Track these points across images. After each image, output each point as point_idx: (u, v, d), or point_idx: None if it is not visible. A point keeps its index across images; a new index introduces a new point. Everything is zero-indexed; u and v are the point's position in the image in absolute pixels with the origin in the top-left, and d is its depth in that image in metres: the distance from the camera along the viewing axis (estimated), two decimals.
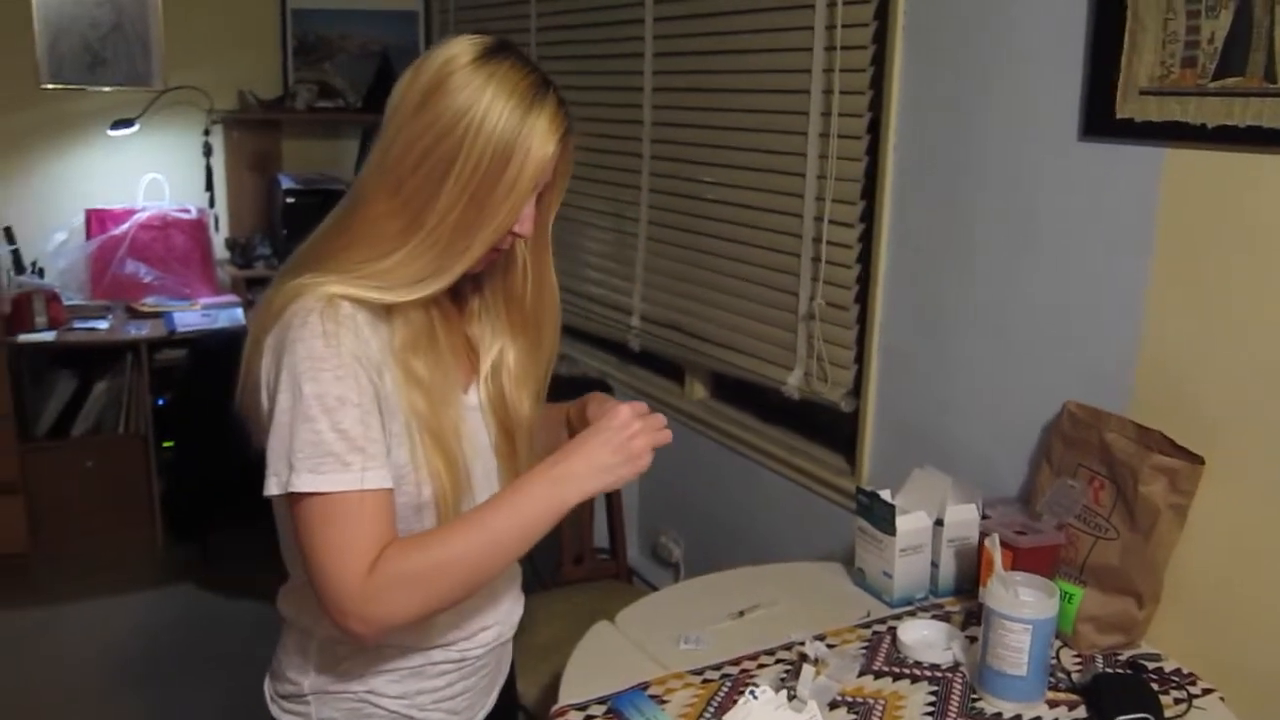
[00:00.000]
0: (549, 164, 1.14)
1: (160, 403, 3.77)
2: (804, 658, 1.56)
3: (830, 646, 1.62)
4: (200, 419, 3.65)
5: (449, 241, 1.12)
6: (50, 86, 3.86)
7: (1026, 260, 1.86)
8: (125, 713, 2.90)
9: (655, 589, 2.80)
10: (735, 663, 1.58)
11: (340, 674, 1.24)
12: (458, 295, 1.28)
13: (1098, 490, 1.67)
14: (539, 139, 1.11)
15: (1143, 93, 1.61)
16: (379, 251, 1.12)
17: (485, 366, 1.28)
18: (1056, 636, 1.59)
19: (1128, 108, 1.64)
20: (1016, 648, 1.44)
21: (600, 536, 2.68)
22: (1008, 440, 1.92)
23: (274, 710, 1.30)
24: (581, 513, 2.53)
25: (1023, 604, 1.45)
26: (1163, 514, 1.58)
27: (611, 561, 2.61)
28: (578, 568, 2.54)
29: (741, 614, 1.73)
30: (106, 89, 3.93)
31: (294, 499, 1.08)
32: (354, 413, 1.08)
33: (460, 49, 1.12)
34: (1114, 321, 1.71)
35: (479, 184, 1.10)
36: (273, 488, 1.08)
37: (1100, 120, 1.69)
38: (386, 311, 1.14)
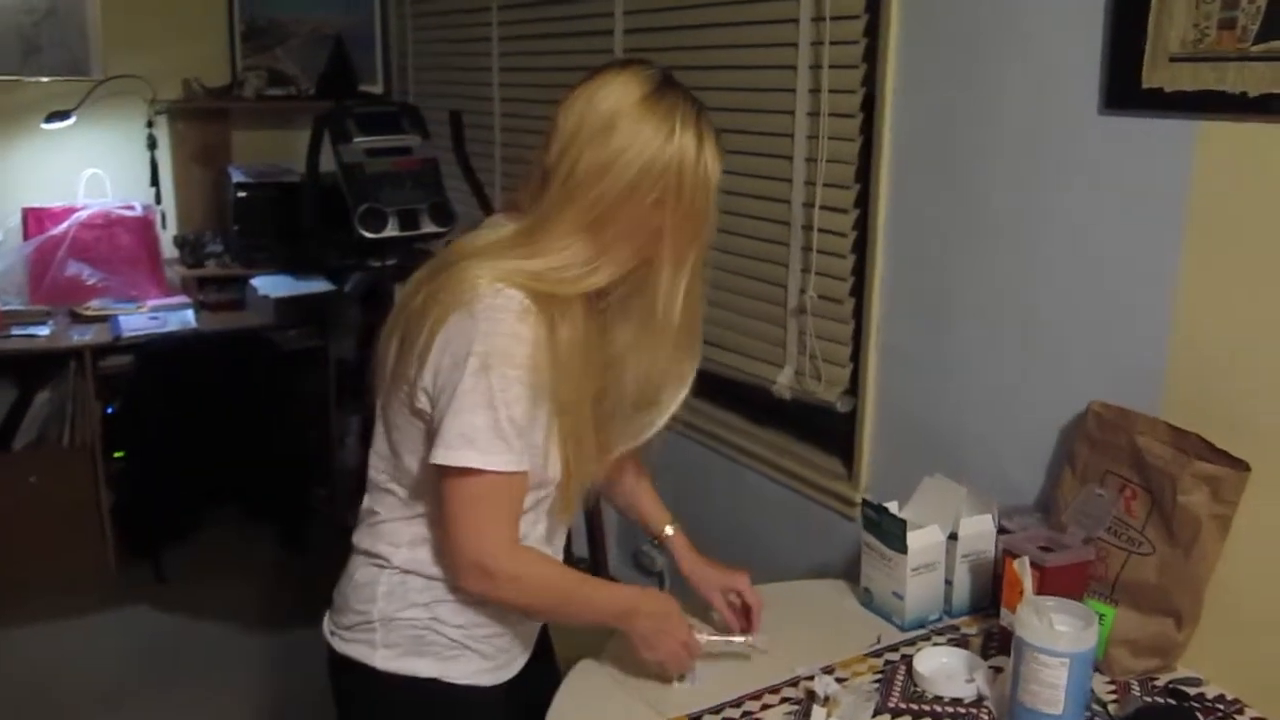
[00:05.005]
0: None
1: (110, 411, 3.56)
2: (813, 696, 1.41)
3: (840, 680, 1.47)
4: (150, 428, 3.46)
5: (629, 261, 1.29)
6: None
7: (1042, 246, 1.70)
8: None
9: None
10: (737, 703, 1.43)
11: (409, 602, 1.35)
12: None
13: (1130, 500, 1.52)
14: (715, 166, 1.30)
15: (1174, 59, 1.45)
16: (568, 263, 1.25)
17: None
18: None
19: (1156, 76, 1.48)
20: (1052, 683, 1.29)
21: (581, 544, 2.51)
22: (1022, 443, 1.76)
23: (335, 643, 1.41)
24: None
25: (1058, 635, 1.30)
26: (1205, 526, 1.43)
27: (591, 571, 2.43)
28: None
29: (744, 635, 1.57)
30: (43, 79, 3.69)
31: (452, 468, 1.23)
32: (525, 405, 1.23)
33: (634, 85, 1.26)
34: (1141, 312, 1.56)
35: (682, 217, 1.28)
36: (441, 459, 1.23)
37: (1125, 90, 1.52)
38: (551, 303, 1.25)
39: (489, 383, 1.21)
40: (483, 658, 1.39)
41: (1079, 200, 1.63)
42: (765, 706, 1.42)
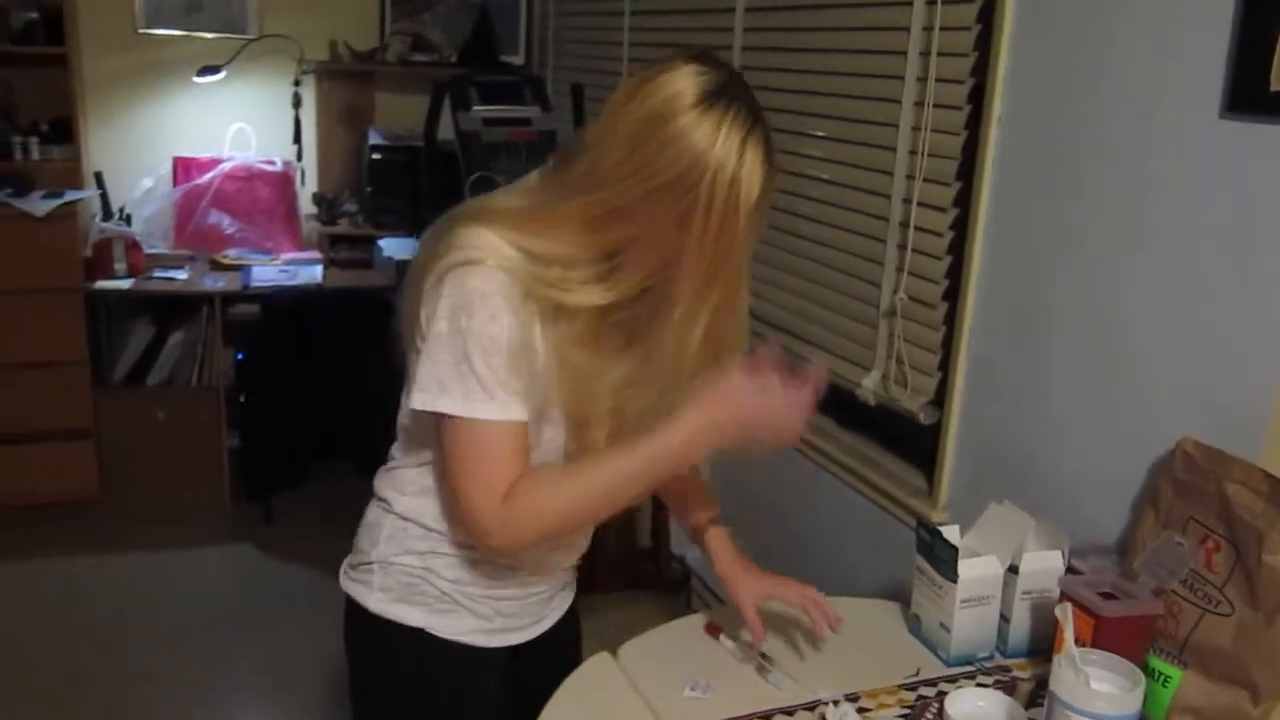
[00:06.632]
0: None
1: (240, 357, 3.71)
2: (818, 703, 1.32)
3: (862, 710, 1.36)
4: (272, 376, 3.58)
5: (637, 283, 1.20)
6: (147, 31, 3.81)
7: (1148, 262, 1.53)
8: (174, 665, 2.86)
9: (720, 599, 2.56)
10: None
11: (405, 549, 1.35)
12: None
13: (1211, 552, 1.35)
14: (753, 184, 1.15)
15: None
16: (568, 257, 1.18)
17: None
18: None
19: None
20: None
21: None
22: (1110, 477, 1.60)
23: (343, 581, 1.42)
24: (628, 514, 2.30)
25: (1095, 695, 1.16)
26: None
27: (653, 557, 2.36)
28: (611, 577, 2.30)
29: (764, 657, 1.48)
30: (205, 35, 3.85)
31: (442, 418, 1.20)
32: (503, 353, 1.16)
33: (686, 85, 1.13)
34: (1251, 344, 1.38)
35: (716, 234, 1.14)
36: (417, 403, 1.19)
37: (1250, 93, 1.35)
38: (559, 311, 1.20)
39: (459, 325, 1.16)
40: (476, 616, 1.37)
41: (1192, 213, 1.46)
42: None
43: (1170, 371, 1.50)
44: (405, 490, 1.35)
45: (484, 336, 1.16)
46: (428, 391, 1.19)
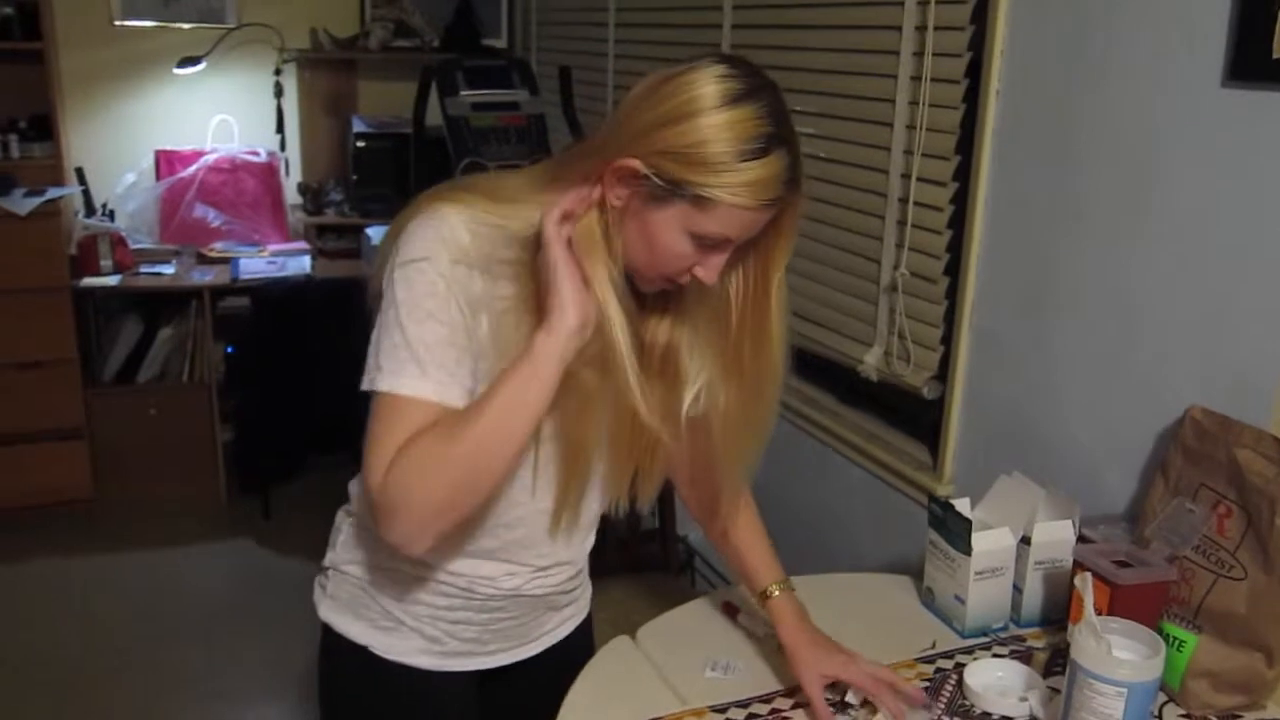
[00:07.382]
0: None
1: (231, 350, 3.69)
2: (846, 704, 1.32)
3: None
4: (264, 369, 3.56)
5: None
6: (123, 23, 3.76)
7: (1152, 232, 1.54)
8: (174, 663, 2.86)
9: (725, 579, 2.58)
10: (767, 699, 1.35)
11: (352, 558, 1.30)
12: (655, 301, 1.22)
13: (1223, 518, 1.37)
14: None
15: None
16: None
17: (688, 395, 1.24)
18: (1161, 690, 1.31)
19: None
20: (1106, 715, 1.17)
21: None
22: (1117, 446, 1.62)
23: (315, 585, 1.38)
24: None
25: (1117, 662, 1.17)
26: None
27: (659, 547, 2.37)
28: (615, 558, 2.31)
29: None
30: (183, 26, 3.81)
31: (375, 396, 1.10)
32: (441, 330, 1.08)
33: (711, 87, 1.05)
34: (1256, 312, 1.39)
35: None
36: (365, 384, 1.10)
37: (1252, 61, 1.35)
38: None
39: (395, 307, 1.08)
40: (424, 638, 1.29)
41: (1194, 183, 1.47)
42: (796, 705, 1.34)
43: (1176, 341, 1.51)
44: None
45: (418, 310, 1.07)
46: (369, 373, 1.10)
